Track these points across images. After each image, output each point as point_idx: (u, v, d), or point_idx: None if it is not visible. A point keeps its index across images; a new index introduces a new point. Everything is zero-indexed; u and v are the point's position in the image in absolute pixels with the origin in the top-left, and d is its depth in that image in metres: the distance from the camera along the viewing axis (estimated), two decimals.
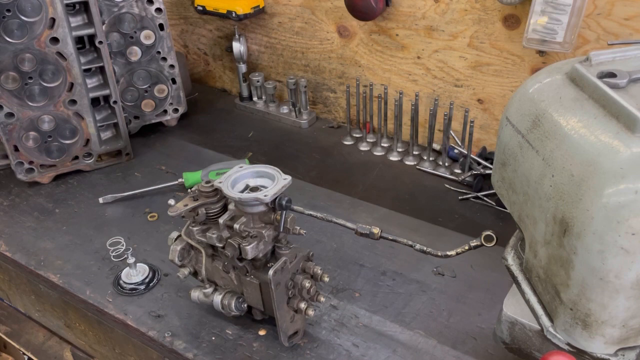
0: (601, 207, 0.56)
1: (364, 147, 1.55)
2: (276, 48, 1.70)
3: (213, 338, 1.00)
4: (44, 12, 1.27)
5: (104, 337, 1.19)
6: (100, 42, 1.37)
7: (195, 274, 1.00)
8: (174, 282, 1.11)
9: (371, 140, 1.56)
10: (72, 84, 1.37)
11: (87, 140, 1.44)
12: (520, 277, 0.78)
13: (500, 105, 1.36)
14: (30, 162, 1.40)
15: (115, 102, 1.45)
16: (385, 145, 1.54)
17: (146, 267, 1.14)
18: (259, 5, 1.60)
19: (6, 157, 1.41)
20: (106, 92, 1.43)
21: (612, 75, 0.64)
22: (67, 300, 1.16)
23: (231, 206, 0.93)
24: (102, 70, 1.43)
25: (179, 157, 1.53)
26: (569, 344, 0.69)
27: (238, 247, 0.88)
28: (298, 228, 0.92)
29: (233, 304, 0.96)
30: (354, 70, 1.57)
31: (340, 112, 1.68)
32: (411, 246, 0.86)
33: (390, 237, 0.87)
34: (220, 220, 0.90)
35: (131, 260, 1.11)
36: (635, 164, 0.55)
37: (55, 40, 1.31)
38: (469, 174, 1.35)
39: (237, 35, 1.67)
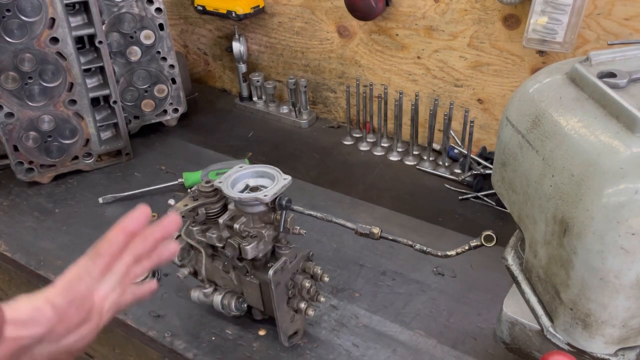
0: (601, 207, 0.56)
1: (364, 147, 1.55)
2: (276, 48, 1.70)
3: (213, 338, 1.00)
4: (44, 12, 1.27)
5: (104, 337, 1.19)
6: (100, 42, 1.37)
7: (195, 274, 1.00)
8: (174, 282, 1.11)
9: (371, 140, 1.56)
10: (72, 84, 1.37)
11: (87, 140, 1.44)
12: (520, 277, 0.78)
13: (500, 105, 1.36)
14: (30, 162, 1.40)
15: (115, 102, 1.45)
16: (385, 145, 1.54)
17: None
18: (259, 5, 1.60)
19: (6, 157, 1.40)
20: (106, 92, 1.43)
21: (612, 75, 0.64)
22: None
23: (231, 206, 0.93)
24: (102, 70, 1.43)
25: (178, 157, 1.53)
26: (569, 344, 0.69)
27: (238, 247, 0.88)
28: (298, 228, 0.92)
29: (233, 304, 0.96)
30: (354, 70, 1.57)
31: (340, 112, 1.68)
32: (411, 246, 0.86)
33: (390, 237, 0.87)
34: (220, 220, 0.90)
35: None
36: (635, 164, 0.55)
37: (55, 40, 1.31)
38: (469, 174, 1.35)
39: (237, 35, 1.67)
